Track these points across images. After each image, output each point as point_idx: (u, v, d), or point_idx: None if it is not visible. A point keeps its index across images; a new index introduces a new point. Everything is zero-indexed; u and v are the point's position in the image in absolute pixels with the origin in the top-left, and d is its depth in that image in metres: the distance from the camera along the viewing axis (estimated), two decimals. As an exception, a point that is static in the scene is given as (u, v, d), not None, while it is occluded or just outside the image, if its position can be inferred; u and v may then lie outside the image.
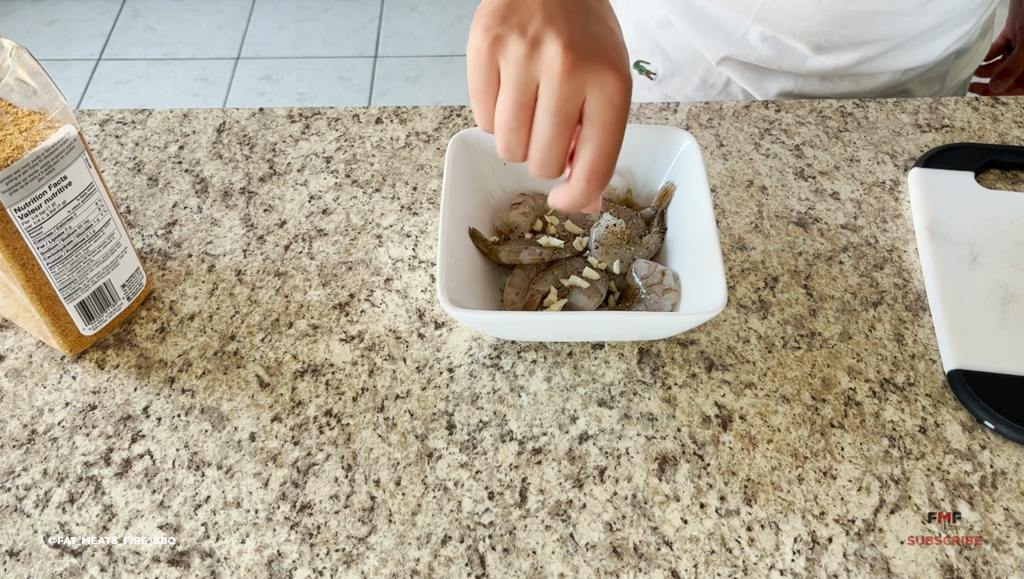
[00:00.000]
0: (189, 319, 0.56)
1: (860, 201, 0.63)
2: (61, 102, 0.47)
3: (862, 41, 0.73)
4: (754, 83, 0.79)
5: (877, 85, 0.78)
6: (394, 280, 0.58)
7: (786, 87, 0.78)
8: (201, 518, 0.47)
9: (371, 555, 0.46)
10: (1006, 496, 0.48)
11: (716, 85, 0.81)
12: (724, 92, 0.81)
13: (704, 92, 0.82)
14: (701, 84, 0.81)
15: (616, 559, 0.46)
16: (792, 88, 0.78)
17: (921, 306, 0.57)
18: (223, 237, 0.61)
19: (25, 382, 0.53)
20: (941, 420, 0.51)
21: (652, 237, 0.57)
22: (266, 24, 2.31)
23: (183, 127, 0.69)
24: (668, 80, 0.82)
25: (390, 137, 0.68)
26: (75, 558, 0.46)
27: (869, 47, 0.74)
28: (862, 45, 0.74)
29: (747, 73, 0.78)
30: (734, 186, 0.64)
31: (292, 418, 0.51)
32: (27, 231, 0.47)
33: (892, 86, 0.79)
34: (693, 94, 0.82)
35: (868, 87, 0.79)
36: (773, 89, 0.79)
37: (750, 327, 0.56)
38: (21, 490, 0.49)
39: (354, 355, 0.54)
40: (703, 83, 0.81)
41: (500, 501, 0.48)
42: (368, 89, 2.13)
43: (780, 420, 0.51)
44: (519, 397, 0.52)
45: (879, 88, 0.79)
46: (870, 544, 0.46)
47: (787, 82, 0.78)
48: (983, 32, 0.83)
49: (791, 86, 0.78)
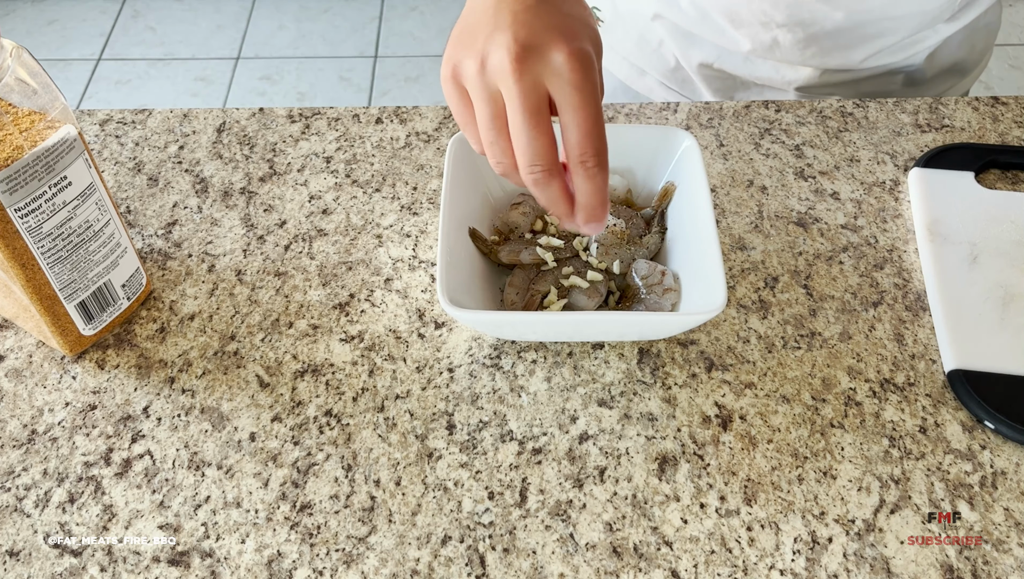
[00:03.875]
0: (189, 319, 0.56)
1: (860, 201, 0.63)
2: (61, 102, 0.47)
3: (773, 23, 0.72)
4: (682, 47, 0.78)
5: (800, 79, 0.77)
6: (394, 280, 0.58)
7: (708, 59, 0.78)
8: (201, 518, 0.47)
9: (371, 555, 0.46)
10: (1006, 496, 0.48)
11: (651, 43, 0.81)
12: (657, 53, 0.81)
13: (640, 49, 0.82)
14: (639, 39, 0.81)
15: (616, 559, 0.46)
16: (714, 61, 0.78)
17: (921, 306, 0.57)
18: (223, 237, 0.61)
19: (25, 382, 0.53)
20: (941, 420, 0.51)
21: (652, 237, 0.57)
22: (266, 24, 2.31)
23: (183, 127, 0.69)
24: (612, 30, 0.83)
25: (390, 137, 0.68)
26: (75, 558, 0.46)
27: (781, 31, 0.72)
28: (776, 28, 0.72)
29: (677, 36, 0.78)
30: (734, 186, 0.64)
31: (292, 418, 0.51)
32: (27, 231, 0.47)
33: (814, 85, 0.77)
34: (631, 49, 0.82)
35: (789, 78, 0.77)
36: (696, 58, 0.78)
37: (750, 327, 0.56)
38: (21, 490, 0.49)
39: (354, 355, 0.54)
40: (640, 39, 0.81)
41: (500, 501, 0.48)
42: (368, 89, 2.13)
43: (780, 420, 0.51)
44: (519, 397, 0.52)
45: (802, 83, 0.77)
46: (870, 544, 0.46)
47: (711, 53, 0.77)
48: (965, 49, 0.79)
49: (713, 59, 0.77)
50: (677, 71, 0.81)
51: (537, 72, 0.40)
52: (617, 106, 0.71)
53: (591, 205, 0.43)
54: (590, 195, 0.43)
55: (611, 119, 0.69)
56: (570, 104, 0.41)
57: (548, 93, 0.41)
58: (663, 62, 0.81)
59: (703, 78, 0.80)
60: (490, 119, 0.42)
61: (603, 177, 0.42)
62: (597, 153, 0.42)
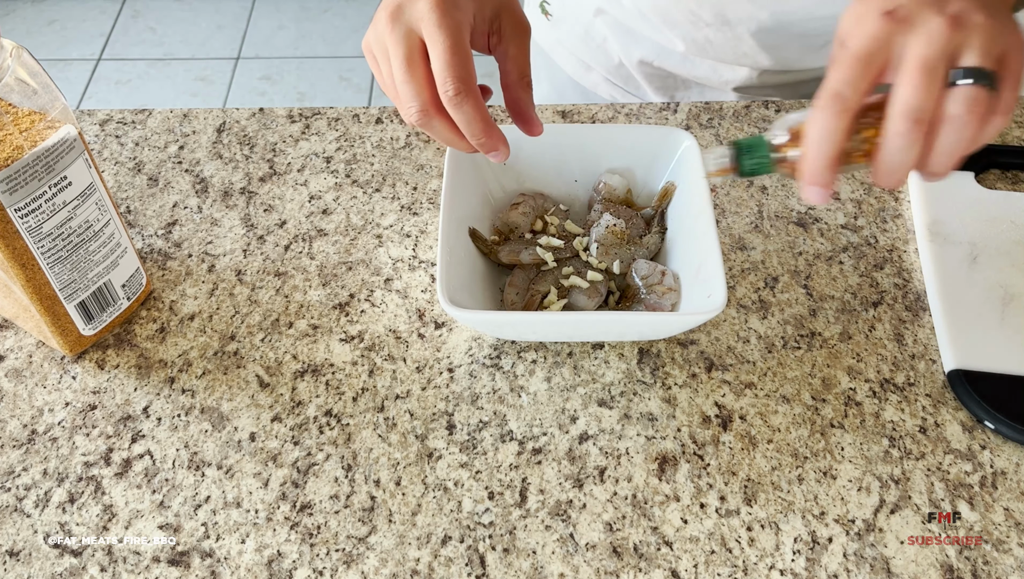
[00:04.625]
0: (189, 319, 0.56)
1: (860, 201, 0.63)
2: (61, 102, 0.47)
3: (702, 22, 0.71)
4: (623, 44, 0.79)
5: (737, 79, 0.76)
6: (394, 280, 0.58)
7: (648, 56, 0.78)
8: (201, 518, 0.47)
9: (371, 555, 0.46)
10: (1006, 496, 0.48)
11: (596, 39, 0.81)
12: (602, 49, 0.81)
13: (586, 44, 0.82)
14: (584, 35, 0.81)
15: (616, 559, 0.46)
16: (654, 59, 0.78)
17: (921, 306, 0.57)
18: (223, 237, 0.61)
19: (25, 382, 0.53)
20: (941, 420, 0.51)
21: (652, 237, 0.57)
22: (266, 24, 2.31)
23: (183, 127, 0.69)
24: (559, 24, 0.83)
25: (390, 137, 0.68)
26: (75, 558, 0.46)
27: (710, 31, 0.72)
28: (705, 27, 0.72)
29: (619, 33, 0.78)
30: (734, 186, 0.64)
31: (292, 418, 0.51)
32: (27, 231, 0.47)
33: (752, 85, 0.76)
34: (577, 44, 0.82)
35: (727, 78, 0.76)
36: (636, 55, 0.78)
37: (750, 327, 0.56)
38: (21, 490, 0.49)
39: (354, 355, 0.54)
40: (585, 34, 0.81)
41: (500, 501, 0.48)
42: (368, 89, 2.13)
43: (780, 420, 0.51)
44: (519, 397, 0.52)
45: (740, 83, 0.76)
46: (870, 544, 0.46)
47: (650, 51, 0.77)
48: None
49: (653, 56, 0.77)
50: (620, 68, 0.81)
51: (404, 23, 0.45)
52: (617, 106, 0.71)
53: (470, 134, 0.47)
54: (464, 125, 0.46)
55: (611, 119, 0.69)
56: (430, 43, 0.45)
57: (421, 40, 0.46)
58: (608, 58, 0.81)
59: (644, 76, 0.80)
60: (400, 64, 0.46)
61: (469, 105, 0.45)
62: (456, 81, 0.44)
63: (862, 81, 0.39)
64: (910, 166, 0.40)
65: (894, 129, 0.39)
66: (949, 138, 0.39)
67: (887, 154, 0.40)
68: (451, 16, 0.45)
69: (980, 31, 0.39)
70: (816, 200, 0.41)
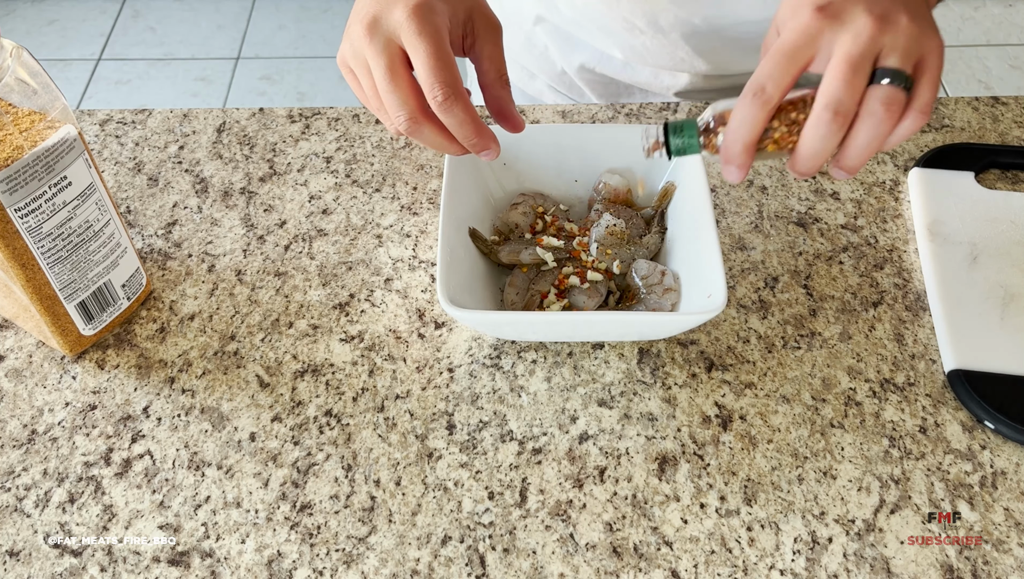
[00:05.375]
0: (189, 319, 0.56)
1: (860, 201, 0.63)
2: (61, 102, 0.47)
3: (637, 29, 0.71)
4: (563, 51, 0.79)
5: (678, 84, 0.76)
6: (394, 280, 0.58)
7: (589, 63, 0.78)
8: (201, 518, 0.47)
9: (371, 555, 0.46)
10: (1006, 496, 0.48)
11: (537, 46, 0.81)
12: (544, 56, 0.81)
13: (528, 52, 0.82)
14: (526, 42, 0.81)
15: (616, 559, 0.46)
16: (595, 65, 0.78)
17: (921, 306, 0.57)
18: (223, 237, 0.61)
19: (25, 382, 0.53)
20: (941, 420, 0.51)
21: (652, 237, 0.57)
22: (266, 24, 2.31)
23: (183, 127, 0.69)
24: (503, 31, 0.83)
25: (390, 137, 0.68)
26: (75, 558, 0.46)
27: (646, 37, 0.72)
28: (640, 34, 0.72)
29: (558, 40, 0.78)
30: (734, 186, 0.64)
31: (292, 418, 0.51)
32: (27, 231, 0.47)
33: (694, 90, 0.76)
34: (519, 51, 0.82)
35: (667, 84, 0.76)
36: (577, 61, 0.78)
37: (750, 327, 0.56)
38: (21, 490, 0.49)
39: (354, 355, 0.54)
40: (527, 41, 0.81)
41: (500, 501, 0.48)
42: (368, 89, 2.13)
43: (780, 420, 0.51)
44: (519, 397, 0.52)
45: (681, 88, 0.76)
46: (870, 544, 0.46)
47: (591, 57, 0.77)
48: None
49: (594, 63, 0.77)
50: (563, 76, 0.81)
51: (382, 33, 0.45)
52: (617, 106, 0.71)
53: (462, 136, 0.47)
54: (455, 128, 0.46)
55: (612, 119, 0.69)
56: (412, 52, 0.45)
57: (402, 49, 0.45)
58: (550, 65, 0.81)
59: (586, 82, 0.80)
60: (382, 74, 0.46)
61: (459, 108, 0.45)
62: (444, 86, 0.44)
63: (785, 76, 0.42)
64: (827, 156, 0.42)
65: (818, 119, 0.41)
66: (866, 134, 0.41)
67: (808, 142, 0.42)
68: (430, 22, 0.45)
69: (904, 33, 0.41)
70: (733, 179, 0.44)
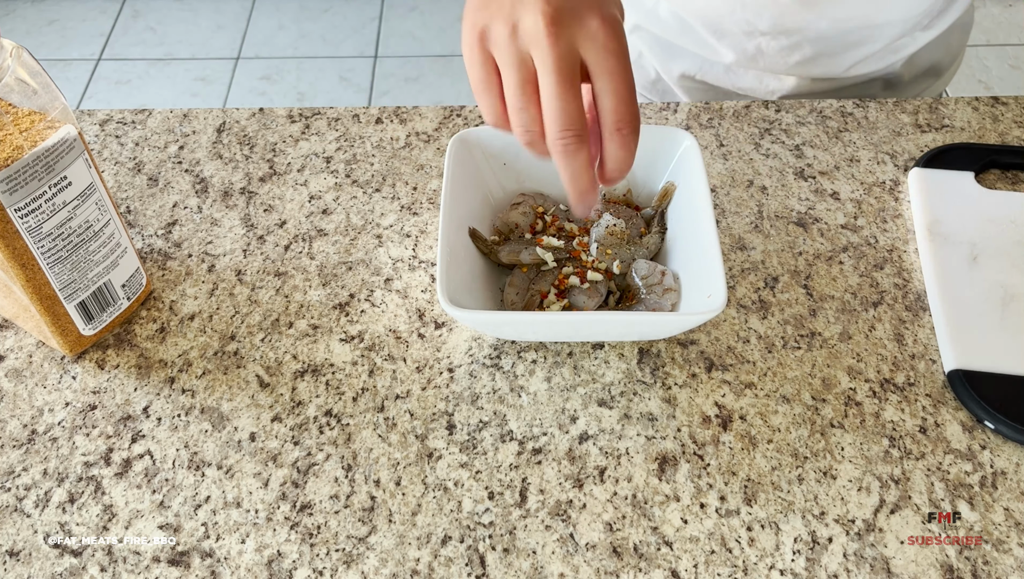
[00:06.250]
0: (189, 319, 0.56)
1: (860, 201, 0.63)
2: (61, 102, 0.47)
3: (757, 32, 0.71)
4: (662, 59, 0.78)
5: (783, 88, 0.76)
6: (394, 280, 0.58)
7: (690, 70, 0.77)
8: (201, 518, 0.47)
9: (371, 555, 0.46)
10: (1006, 496, 0.48)
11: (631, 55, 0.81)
12: (637, 65, 0.81)
13: None
14: None
15: (616, 559, 0.46)
16: (696, 72, 0.77)
17: (921, 306, 0.57)
18: (223, 237, 0.61)
19: (25, 382, 0.53)
20: (941, 420, 0.51)
21: (652, 237, 0.57)
22: (266, 24, 2.31)
23: (183, 127, 0.69)
24: None
25: (390, 137, 0.68)
26: (75, 558, 0.46)
27: (765, 40, 0.72)
28: (759, 37, 0.72)
29: (657, 48, 0.78)
30: (734, 186, 0.64)
31: (292, 418, 0.51)
32: (27, 231, 0.47)
33: (798, 95, 0.77)
34: None
35: (772, 88, 0.76)
36: (677, 69, 0.78)
37: (750, 327, 0.56)
38: (21, 490, 0.49)
39: (354, 355, 0.54)
40: None
41: (500, 501, 0.48)
42: (368, 89, 2.13)
43: (780, 420, 0.51)
44: (519, 397, 0.52)
45: (786, 93, 0.76)
46: (870, 544, 0.46)
47: (692, 64, 0.77)
48: None
49: (695, 70, 0.77)
50: (657, 83, 0.81)
51: (569, 37, 0.40)
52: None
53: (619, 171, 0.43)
54: (620, 162, 0.43)
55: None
56: (605, 69, 0.40)
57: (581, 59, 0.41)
58: (643, 74, 0.81)
59: (684, 90, 0.80)
60: (520, 85, 0.41)
61: (636, 144, 0.42)
62: (633, 119, 0.42)
63: None
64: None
65: None
66: None
67: None
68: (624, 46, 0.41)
69: None
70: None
